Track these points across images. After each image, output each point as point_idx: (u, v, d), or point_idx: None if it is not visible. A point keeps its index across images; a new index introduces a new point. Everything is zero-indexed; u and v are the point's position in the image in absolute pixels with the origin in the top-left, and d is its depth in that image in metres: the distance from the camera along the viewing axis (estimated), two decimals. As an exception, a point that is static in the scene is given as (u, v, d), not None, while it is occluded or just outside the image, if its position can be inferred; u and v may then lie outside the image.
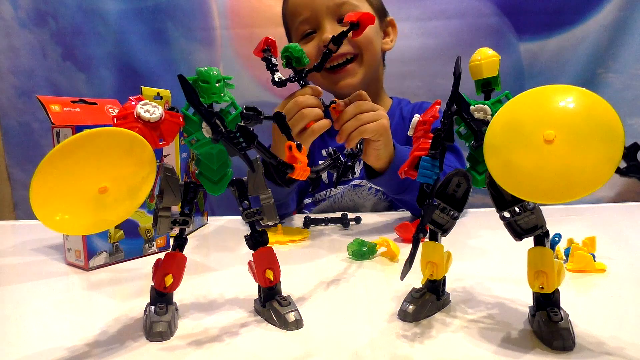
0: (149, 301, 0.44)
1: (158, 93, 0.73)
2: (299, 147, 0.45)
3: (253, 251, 0.46)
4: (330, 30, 0.92)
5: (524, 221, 0.40)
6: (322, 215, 0.88)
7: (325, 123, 0.71)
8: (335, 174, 0.63)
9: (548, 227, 0.40)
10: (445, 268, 0.46)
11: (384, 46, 1.03)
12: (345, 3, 0.93)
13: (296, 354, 0.39)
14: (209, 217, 0.94)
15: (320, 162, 1.00)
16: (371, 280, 0.57)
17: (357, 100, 0.72)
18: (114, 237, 0.65)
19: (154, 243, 0.70)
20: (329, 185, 1.02)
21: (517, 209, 0.40)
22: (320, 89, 0.73)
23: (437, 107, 0.45)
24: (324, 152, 1.04)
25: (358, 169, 1.01)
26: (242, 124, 0.41)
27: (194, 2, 1.29)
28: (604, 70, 1.24)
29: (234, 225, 0.90)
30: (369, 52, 0.96)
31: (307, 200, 1.04)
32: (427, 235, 0.45)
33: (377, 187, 0.99)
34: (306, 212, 1.02)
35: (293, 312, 0.44)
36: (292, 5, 0.99)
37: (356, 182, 1.01)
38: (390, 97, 1.10)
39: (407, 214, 0.95)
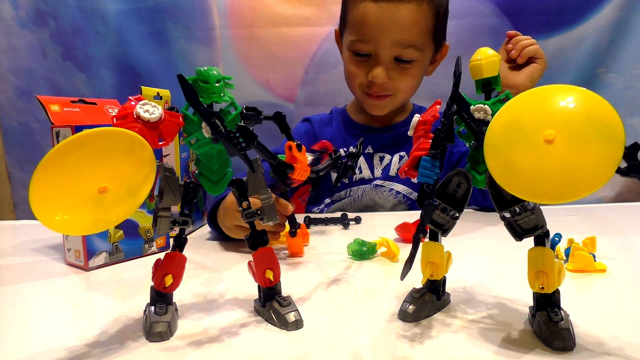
0: (148, 301, 0.44)
1: (158, 93, 0.73)
2: (299, 147, 0.45)
3: (253, 251, 0.46)
4: (382, 70, 0.91)
5: (524, 221, 0.40)
6: (322, 215, 0.88)
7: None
8: (336, 174, 0.63)
9: (548, 227, 0.40)
10: (446, 268, 0.46)
11: (426, 74, 1.03)
12: (410, 48, 0.91)
13: (296, 354, 0.39)
14: (209, 217, 0.94)
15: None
16: (371, 280, 0.57)
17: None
18: (114, 237, 0.65)
19: (154, 243, 0.70)
20: (350, 185, 1.02)
21: (517, 209, 0.40)
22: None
23: (437, 107, 0.45)
24: (342, 152, 1.03)
25: (378, 170, 1.02)
26: (241, 124, 0.41)
27: (194, 2, 1.29)
28: (604, 70, 1.24)
29: (234, 225, 0.89)
30: (405, 95, 1.00)
31: (327, 200, 1.04)
32: (427, 235, 0.45)
33: (398, 190, 1.00)
34: (318, 212, 1.02)
35: (293, 312, 0.44)
36: (361, 16, 0.91)
37: (378, 182, 1.01)
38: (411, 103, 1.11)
39: (408, 214, 0.95)
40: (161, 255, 0.44)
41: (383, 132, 1.05)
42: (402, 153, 1.03)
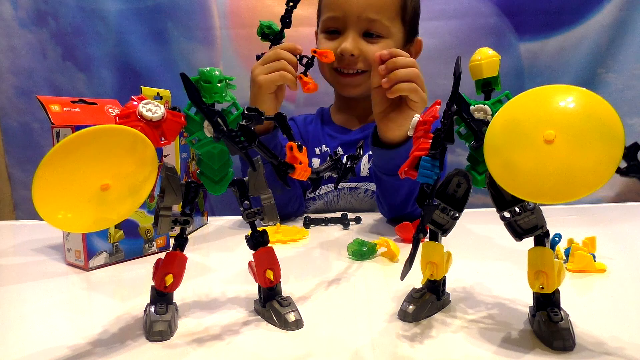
0: (149, 301, 0.44)
1: (158, 93, 0.73)
2: (300, 147, 0.45)
3: (253, 251, 0.46)
4: (351, 42, 0.93)
5: (524, 221, 0.40)
6: (322, 215, 0.88)
7: (291, 78, 0.80)
8: (330, 175, 0.63)
9: (548, 227, 0.40)
10: (445, 268, 0.46)
11: None
12: (377, 21, 0.93)
13: (296, 354, 0.39)
14: (209, 217, 0.94)
15: (314, 159, 1.01)
16: (371, 280, 0.57)
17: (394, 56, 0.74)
18: (114, 237, 0.65)
19: (154, 243, 0.70)
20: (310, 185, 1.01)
21: (517, 209, 0.40)
22: (299, 47, 0.83)
23: (437, 107, 0.45)
24: (317, 150, 1.04)
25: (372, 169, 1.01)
26: (243, 123, 0.41)
27: (194, 2, 1.29)
28: (604, 70, 1.24)
29: (234, 225, 0.90)
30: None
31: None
32: (427, 235, 0.45)
33: (373, 190, 0.99)
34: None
35: (293, 312, 0.44)
36: None
37: (352, 185, 1.00)
38: None
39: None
40: (161, 255, 0.44)
41: (355, 134, 1.05)
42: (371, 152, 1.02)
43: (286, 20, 0.78)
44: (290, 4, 0.76)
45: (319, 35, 1.01)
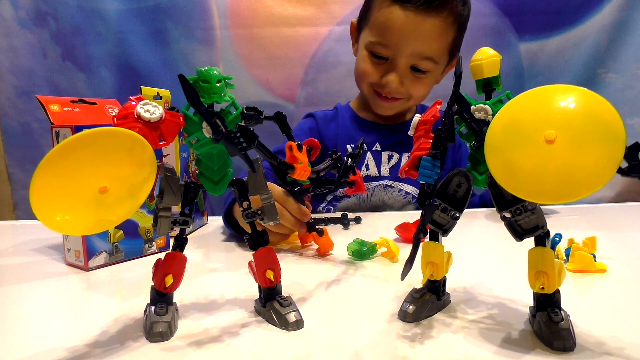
0: (149, 301, 0.44)
1: (158, 93, 0.73)
2: (299, 147, 0.45)
3: (253, 251, 0.46)
4: (398, 76, 0.92)
5: (524, 221, 0.40)
6: (322, 215, 0.88)
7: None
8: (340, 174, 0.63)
9: (548, 227, 0.40)
10: (446, 268, 0.46)
11: (435, 82, 1.04)
12: (430, 59, 0.92)
13: (297, 354, 0.39)
14: (209, 217, 0.94)
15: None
16: (371, 280, 0.57)
17: None
18: (114, 237, 0.64)
19: (154, 243, 0.70)
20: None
21: (517, 209, 0.40)
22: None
23: (438, 106, 0.45)
24: (349, 148, 1.03)
25: (386, 168, 1.02)
26: (242, 123, 0.41)
27: (194, 2, 1.29)
28: (604, 70, 1.24)
29: (234, 225, 0.89)
30: (415, 102, 1.01)
31: (329, 197, 1.04)
32: (428, 235, 0.45)
33: (407, 191, 1.01)
34: (324, 211, 1.02)
35: (293, 313, 0.44)
36: (386, 20, 0.91)
37: (388, 182, 1.01)
38: None
39: (408, 214, 0.95)
40: (161, 255, 0.44)
41: (392, 130, 1.05)
42: None
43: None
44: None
45: (362, 50, 0.97)
